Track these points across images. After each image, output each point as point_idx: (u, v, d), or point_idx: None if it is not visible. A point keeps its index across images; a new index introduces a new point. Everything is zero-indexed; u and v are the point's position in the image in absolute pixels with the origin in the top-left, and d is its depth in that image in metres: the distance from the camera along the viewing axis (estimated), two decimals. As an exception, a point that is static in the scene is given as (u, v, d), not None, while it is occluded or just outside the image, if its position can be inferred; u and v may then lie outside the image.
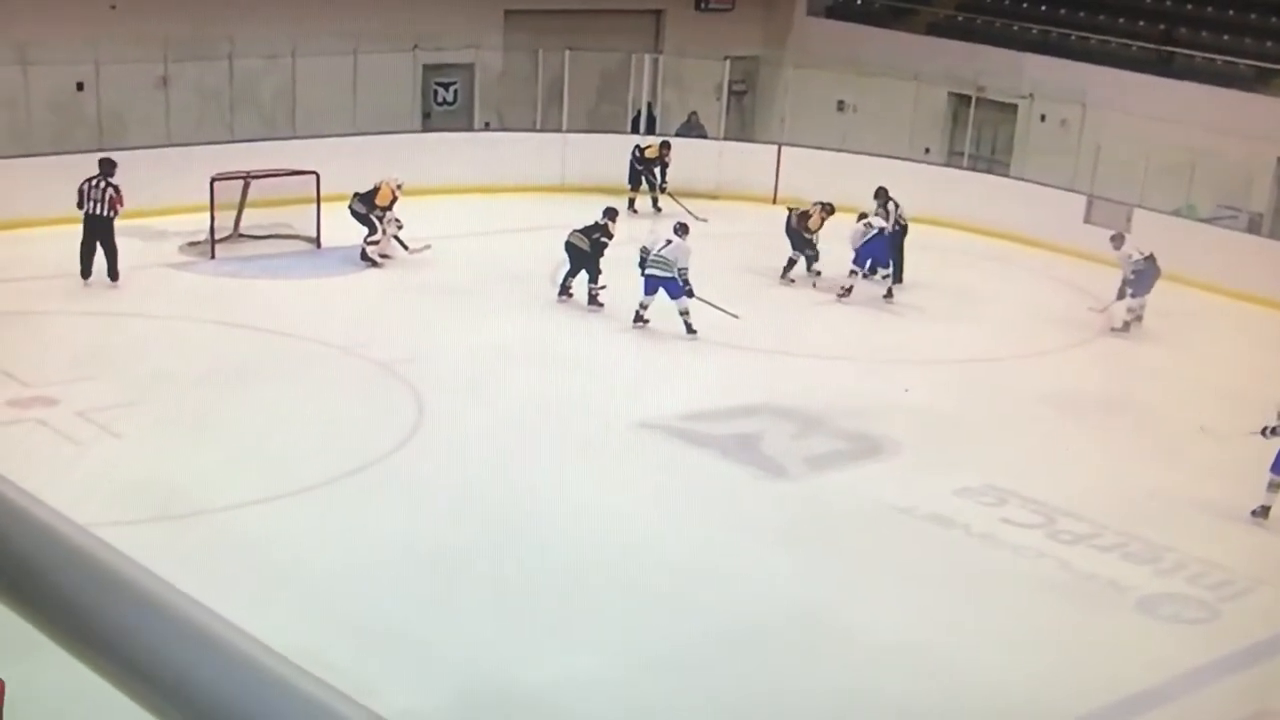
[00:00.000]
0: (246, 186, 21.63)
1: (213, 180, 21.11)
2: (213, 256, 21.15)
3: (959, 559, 13.52)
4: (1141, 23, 27.43)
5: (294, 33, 24.71)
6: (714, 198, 25.93)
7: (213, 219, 21.19)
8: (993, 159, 27.68)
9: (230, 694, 1.70)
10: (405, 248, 21.46)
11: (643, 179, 25.34)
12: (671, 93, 28.60)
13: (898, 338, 19.86)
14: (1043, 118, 26.82)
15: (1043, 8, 28.78)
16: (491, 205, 24.43)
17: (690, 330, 18.73)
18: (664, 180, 25.26)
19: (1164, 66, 25.98)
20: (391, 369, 17.12)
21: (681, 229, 19.28)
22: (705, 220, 23.35)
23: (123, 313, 18.71)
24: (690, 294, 18.75)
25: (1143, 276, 20.45)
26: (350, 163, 22.54)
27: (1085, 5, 28.48)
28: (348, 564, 12.52)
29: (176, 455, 14.49)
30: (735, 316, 18.91)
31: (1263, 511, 14.50)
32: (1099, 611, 12.72)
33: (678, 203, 24.35)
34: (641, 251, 19.12)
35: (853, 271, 21.07)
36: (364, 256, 21.20)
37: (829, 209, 21.77)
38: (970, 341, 19.76)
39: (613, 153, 25.10)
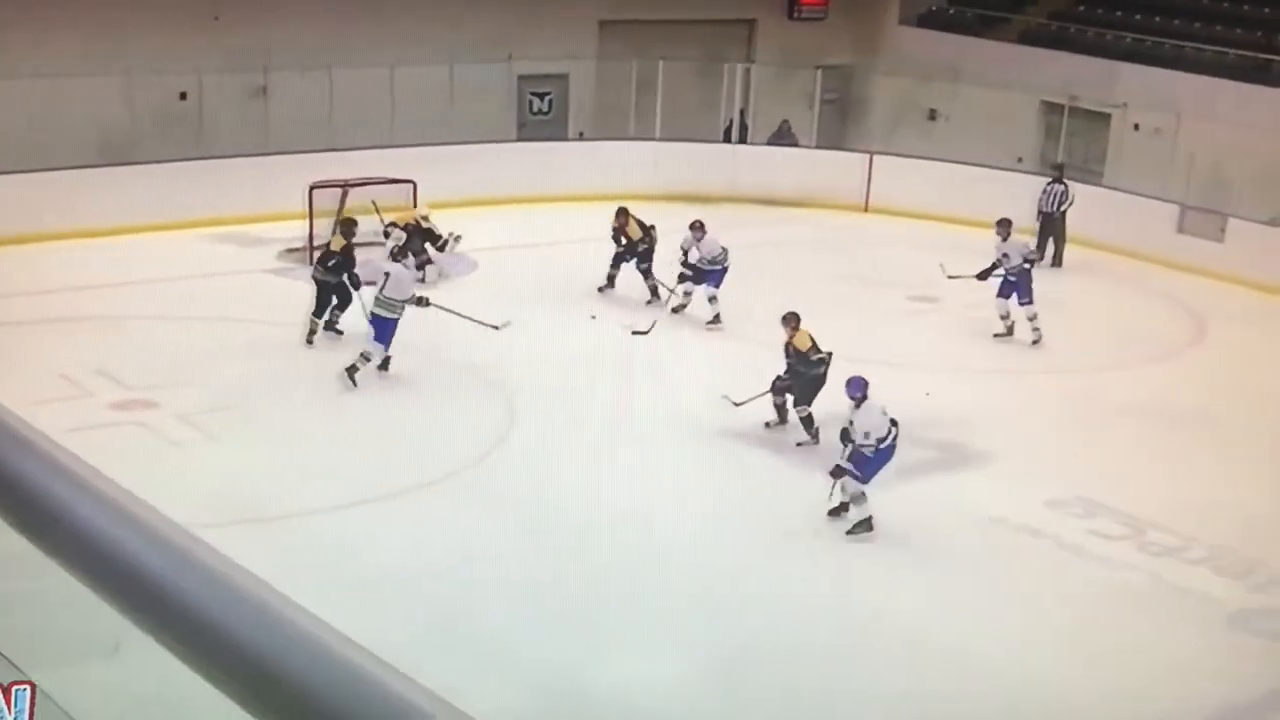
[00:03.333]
0: (345, 194, 21.90)
1: (311, 188, 21.42)
2: (311, 263, 21.44)
3: (1049, 570, 13.47)
4: (1239, 30, 27.10)
5: (392, 44, 25.08)
6: (803, 205, 25.98)
7: (311, 226, 21.47)
8: (1085, 168, 27.46)
9: (320, 687, 1.75)
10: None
11: (620, 259, 21.02)
12: (764, 101, 28.65)
13: (988, 348, 19.73)
14: (1136, 127, 26.60)
15: (1136, 16, 28.50)
16: (585, 213, 24.58)
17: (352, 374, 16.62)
18: (636, 256, 20.85)
19: (1261, 74, 25.68)
20: (482, 375, 17.32)
21: (400, 252, 17.59)
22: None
23: (221, 318, 19.04)
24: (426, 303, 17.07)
25: (1018, 282, 19.67)
26: (446, 171, 22.80)
27: (1180, 13, 28.18)
28: (434, 568, 12.74)
29: (271, 459, 14.81)
30: (496, 328, 17.23)
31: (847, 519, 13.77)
32: (1189, 625, 12.59)
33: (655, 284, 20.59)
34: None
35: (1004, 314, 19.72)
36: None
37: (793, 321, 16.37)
38: (1061, 352, 19.62)
39: (704, 161, 25.21)
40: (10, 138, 22.04)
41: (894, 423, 13.71)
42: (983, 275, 19.85)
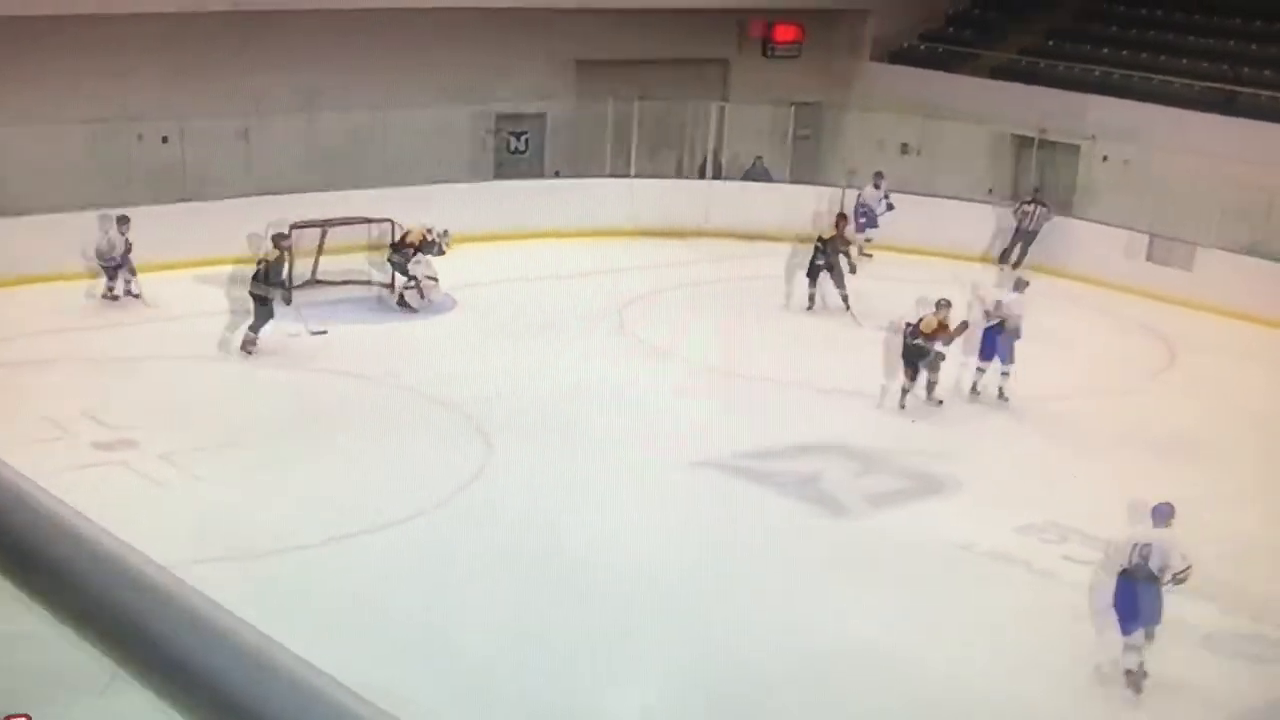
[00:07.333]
0: (324, 234, 22.05)
1: (292, 227, 21.49)
2: (290, 302, 21.55)
3: (1020, 596, 13.60)
4: (1204, 63, 27.45)
5: (371, 85, 25.24)
6: (779, 239, 26.18)
7: (291, 266, 21.64)
8: (1056, 199, 27.73)
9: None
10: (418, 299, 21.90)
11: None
12: (738, 138, 28.90)
13: (958, 378, 19.87)
14: (1105, 158, 26.91)
15: (1104, 50, 28.85)
16: (562, 250, 24.78)
17: None
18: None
19: (1227, 105, 26.02)
20: (462, 409, 17.45)
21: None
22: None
23: (203, 357, 19.14)
24: None
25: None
26: (425, 210, 22.95)
27: (1147, 47, 28.57)
28: (419, 601, 12.83)
29: (254, 496, 14.88)
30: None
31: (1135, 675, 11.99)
32: (1163, 648, 12.71)
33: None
34: None
35: (979, 369, 19.00)
36: (401, 302, 21.80)
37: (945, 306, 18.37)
38: (1033, 380, 19.75)
39: (679, 197, 25.48)
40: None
41: None
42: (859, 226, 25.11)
